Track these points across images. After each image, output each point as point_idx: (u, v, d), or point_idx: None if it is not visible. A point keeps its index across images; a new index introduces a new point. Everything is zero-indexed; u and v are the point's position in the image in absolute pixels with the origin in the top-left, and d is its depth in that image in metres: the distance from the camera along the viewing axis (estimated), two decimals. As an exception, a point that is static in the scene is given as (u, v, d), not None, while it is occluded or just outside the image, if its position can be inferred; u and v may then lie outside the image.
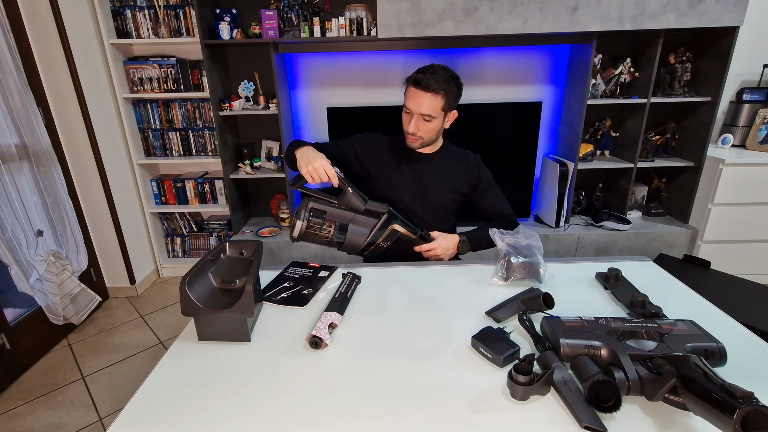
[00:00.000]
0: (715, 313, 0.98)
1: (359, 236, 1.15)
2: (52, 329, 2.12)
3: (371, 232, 1.15)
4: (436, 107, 1.21)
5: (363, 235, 1.15)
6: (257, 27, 2.27)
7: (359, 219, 1.15)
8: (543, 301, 0.94)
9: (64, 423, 1.66)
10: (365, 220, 1.15)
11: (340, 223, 1.13)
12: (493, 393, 0.74)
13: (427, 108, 1.21)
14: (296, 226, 1.10)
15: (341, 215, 1.14)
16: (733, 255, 2.42)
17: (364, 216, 1.15)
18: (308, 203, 1.12)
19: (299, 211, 1.10)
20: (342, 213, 1.14)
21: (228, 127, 2.51)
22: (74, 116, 2.21)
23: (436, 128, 1.27)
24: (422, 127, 1.24)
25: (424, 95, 1.20)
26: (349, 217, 1.14)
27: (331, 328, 0.92)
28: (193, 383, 0.78)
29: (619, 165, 2.46)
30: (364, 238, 1.15)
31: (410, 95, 1.23)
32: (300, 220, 1.10)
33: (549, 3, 2.07)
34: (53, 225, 2.10)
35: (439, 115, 1.24)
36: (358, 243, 1.15)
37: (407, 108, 1.25)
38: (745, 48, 2.39)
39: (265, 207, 2.85)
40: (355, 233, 1.14)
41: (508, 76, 2.56)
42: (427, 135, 1.27)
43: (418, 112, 1.22)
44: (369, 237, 1.15)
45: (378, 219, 1.15)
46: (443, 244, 1.27)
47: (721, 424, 0.56)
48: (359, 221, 1.15)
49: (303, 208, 1.11)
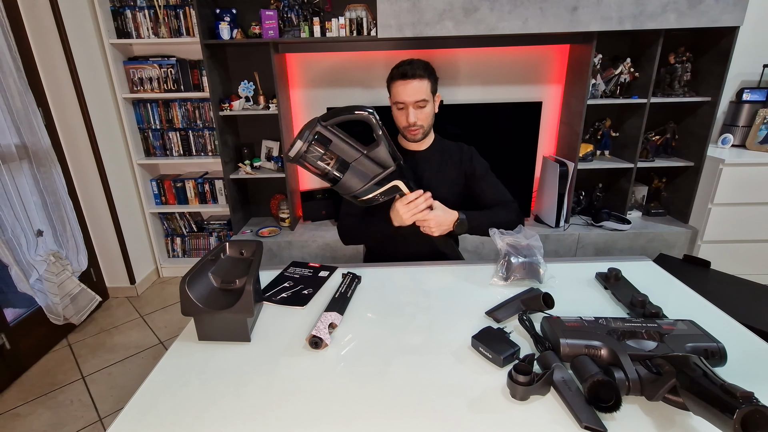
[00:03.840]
0: (715, 313, 0.98)
1: (358, 179, 1.06)
2: (52, 329, 2.12)
3: (371, 180, 1.06)
4: (426, 91, 1.27)
5: (363, 179, 1.06)
6: (257, 27, 2.27)
7: (364, 162, 1.05)
8: (543, 301, 0.94)
9: (64, 423, 1.66)
10: (370, 165, 1.06)
11: (343, 159, 1.03)
12: (493, 393, 0.74)
13: (420, 93, 1.26)
14: (295, 146, 1.00)
15: (347, 151, 1.04)
16: (733, 255, 2.42)
17: (370, 161, 1.06)
18: (315, 126, 1.01)
19: (303, 131, 1.00)
20: (348, 149, 1.04)
21: (228, 127, 2.51)
22: (74, 116, 2.21)
23: (431, 113, 1.32)
24: (420, 114, 1.28)
25: (413, 83, 1.25)
26: (354, 156, 1.04)
27: (331, 328, 0.92)
28: (193, 383, 0.78)
29: (619, 165, 2.46)
30: (363, 184, 1.06)
31: (399, 89, 1.27)
32: (301, 141, 0.99)
33: (549, 3, 2.07)
34: (53, 225, 2.10)
35: (430, 99, 1.30)
36: (354, 186, 1.06)
37: (400, 102, 1.28)
38: (745, 48, 2.39)
39: (265, 207, 2.85)
40: (355, 175, 1.05)
41: (508, 76, 2.56)
42: (425, 122, 1.30)
43: (414, 100, 1.26)
44: (367, 184, 1.06)
45: (383, 170, 1.07)
46: (439, 218, 1.19)
47: (721, 424, 0.56)
48: (363, 164, 1.05)
49: (308, 129, 1.00)
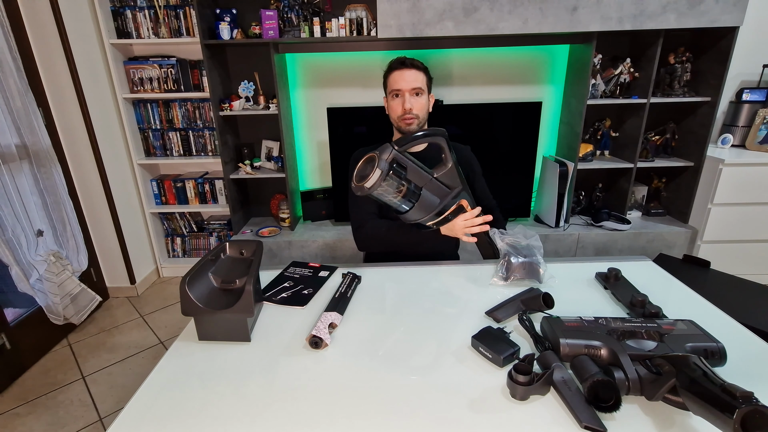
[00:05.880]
0: (715, 313, 0.98)
1: (429, 204, 1.02)
2: (53, 329, 2.12)
3: (442, 203, 1.03)
4: (422, 81, 1.30)
5: (433, 203, 1.02)
6: (257, 27, 2.27)
7: (434, 186, 1.02)
8: (543, 301, 0.94)
9: (64, 423, 1.66)
10: (440, 188, 1.03)
11: (415, 185, 0.98)
12: (493, 393, 0.74)
13: (417, 81, 1.29)
14: (372, 176, 0.90)
15: (419, 176, 0.99)
16: (733, 255, 2.42)
17: (439, 184, 1.03)
18: (390, 152, 0.93)
19: (377, 158, 0.91)
20: (420, 174, 0.99)
21: (228, 127, 2.51)
22: (74, 116, 2.21)
23: (425, 105, 1.33)
24: (415, 103, 1.29)
25: (410, 71, 1.28)
26: (425, 180, 1.00)
27: (331, 328, 0.92)
28: (193, 383, 0.78)
29: (619, 165, 2.47)
30: (434, 209, 1.03)
31: (396, 78, 1.29)
32: (379, 169, 0.90)
33: (549, 3, 2.07)
34: (53, 225, 2.10)
35: (426, 91, 1.32)
36: (425, 212, 1.02)
37: (396, 90, 1.29)
38: (745, 48, 2.39)
39: (265, 207, 2.85)
40: (426, 200, 1.01)
41: (508, 76, 2.56)
42: (421, 111, 1.31)
43: (410, 87, 1.28)
44: (438, 208, 1.03)
45: (451, 191, 1.05)
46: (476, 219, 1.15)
47: (721, 424, 0.56)
48: (433, 188, 1.02)
49: (383, 155, 0.92)
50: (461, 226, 1.12)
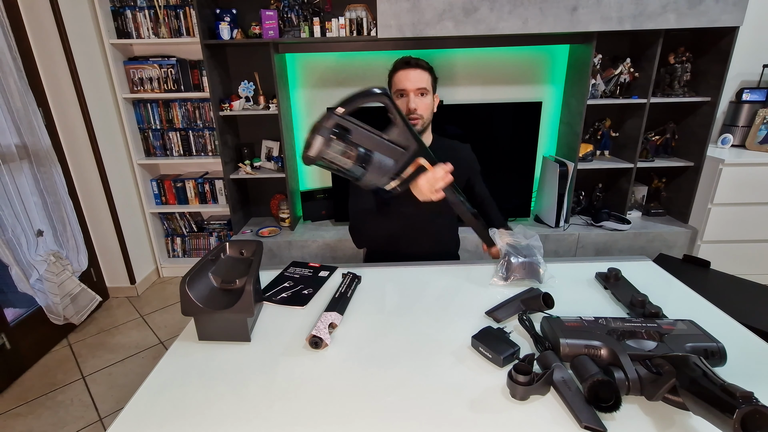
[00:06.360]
0: (715, 313, 0.98)
1: (384, 168, 0.96)
2: (53, 329, 2.12)
3: (398, 165, 0.98)
4: (427, 81, 1.30)
5: (388, 166, 0.97)
6: (257, 27, 2.27)
7: (387, 148, 0.96)
8: (543, 301, 0.94)
9: (64, 423, 1.66)
10: (394, 149, 0.97)
11: (365, 149, 0.94)
12: (493, 393, 0.74)
13: (422, 81, 1.28)
14: (314, 143, 0.89)
15: (367, 140, 0.94)
16: (733, 255, 2.42)
17: (392, 145, 0.97)
18: (331, 117, 0.90)
19: (319, 126, 0.89)
20: (368, 137, 0.94)
21: (228, 127, 2.51)
22: (74, 116, 2.21)
23: (430, 105, 1.33)
24: (420, 103, 1.29)
25: (415, 71, 1.28)
26: (376, 143, 0.95)
27: (331, 328, 0.92)
28: (193, 383, 0.78)
29: (618, 165, 2.47)
30: (390, 172, 0.97)
31: (402, 77, 1.29)
32: (320, 136, 0.88)
33: (549, 3, 2.07)
34: (53, 225, 2.10)
35: (431, 91, 1.32)
36: (381, 176, 0.97)
37: (401, 90, 1.29)
38: (745, 48, 2.39)
39: (265, 207, 2.85)
40: (380, 163, 0.96)
41: (508, 76, 2.56)
42: (425, 111, 1.31)
43: (415, 86, 1.27)
44: (395, 170, 0.98)
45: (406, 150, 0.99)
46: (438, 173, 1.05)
47: (721, 424, 0.56)
48: (386, 150, 0.96)
49: (324, 122, 0.90)
50: (427, 186, 1.06)
